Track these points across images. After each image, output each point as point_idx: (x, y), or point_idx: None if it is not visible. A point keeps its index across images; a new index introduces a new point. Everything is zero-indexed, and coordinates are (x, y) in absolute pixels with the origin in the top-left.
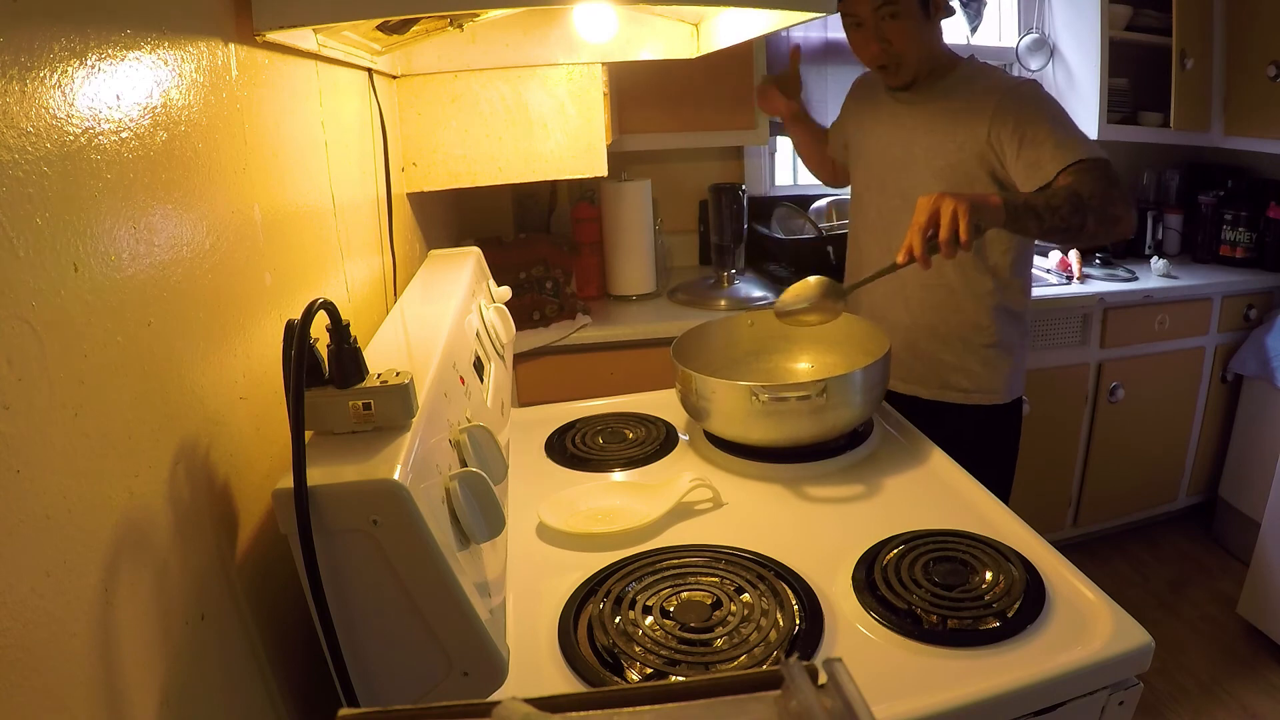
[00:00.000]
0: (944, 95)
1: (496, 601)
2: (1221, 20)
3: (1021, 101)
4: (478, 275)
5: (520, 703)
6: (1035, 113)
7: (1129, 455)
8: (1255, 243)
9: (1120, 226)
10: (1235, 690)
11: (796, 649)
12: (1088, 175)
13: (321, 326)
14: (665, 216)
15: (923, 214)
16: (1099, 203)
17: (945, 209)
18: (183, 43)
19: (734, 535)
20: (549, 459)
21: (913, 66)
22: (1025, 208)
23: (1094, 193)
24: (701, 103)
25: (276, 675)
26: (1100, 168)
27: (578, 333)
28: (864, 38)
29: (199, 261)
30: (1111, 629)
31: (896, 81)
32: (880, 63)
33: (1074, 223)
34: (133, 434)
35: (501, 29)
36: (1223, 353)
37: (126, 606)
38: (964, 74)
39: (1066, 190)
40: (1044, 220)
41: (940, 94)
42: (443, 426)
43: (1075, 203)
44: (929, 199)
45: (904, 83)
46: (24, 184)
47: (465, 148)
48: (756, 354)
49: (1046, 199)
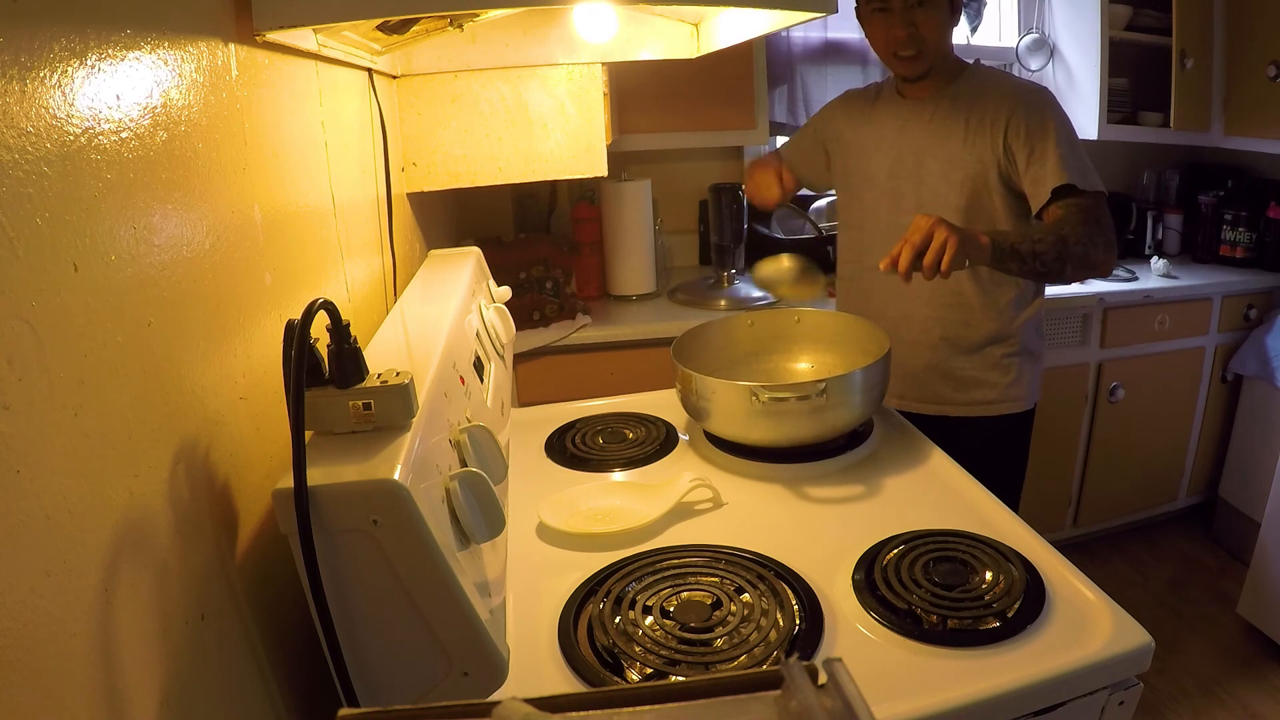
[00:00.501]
0: (955, 101)
1: (496, 601)
2: (1221, 20)
3: (1034, 110)
4: (478, 275)
5: (520, 703)
6: (1046, 126)
7: (1129, 455)
8: (1255, 243)
9: (1097, 272)
10: (1235, 690)
11: (796, 649)
12: (1078, 215)
13: (321, 326)
14: (665, 216)
15: (917, 233)
16: (1082, 249)
17: (938, 237)
18: (183, 43)
19: (734, 535)
20: (549, 459)
21: (931, 57)
22: (1010, 251)
23: (1079, 238)
24: (701, 103)
25: (276, 675)
26: (1091, 207)
27: (578, 333)
28: (888, 22)
29: (199, 261)
30: (1111, 629)
31: (914, 70)
32: (904, 49)
33: (1053, 269)
34: (133, 434)
35: (501, 29)
36: (1223, 353)
37: (126, 606)
38: (974, 79)
39: (1054, 236)
40: (1025, 264)
41: (950, 99)
42: (443, 426)
43: (1059, 249)
44: (927, 221)
45: (920, 72)
46: (24, 184)
47: (465, 148)
48: (756, 354)
49: (1033, 244)
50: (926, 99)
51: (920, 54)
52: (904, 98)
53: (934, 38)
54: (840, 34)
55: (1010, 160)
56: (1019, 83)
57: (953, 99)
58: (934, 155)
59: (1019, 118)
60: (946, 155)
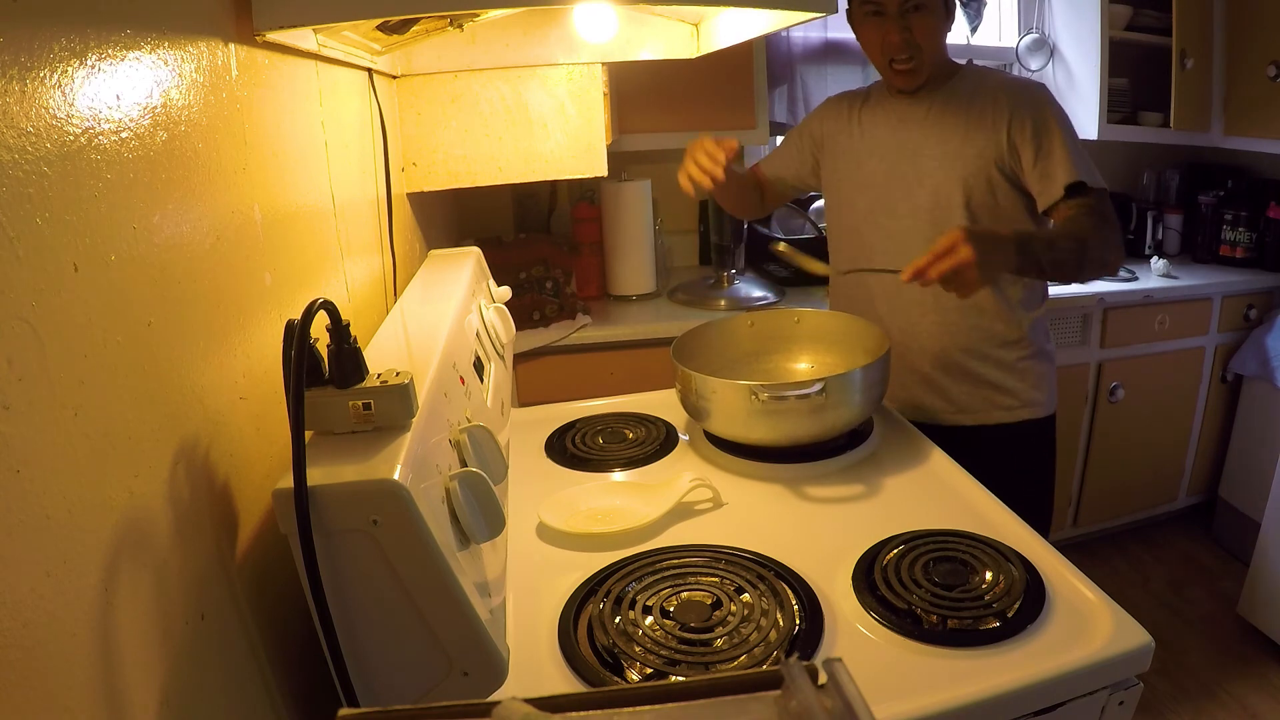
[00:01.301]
0: (951, 100)
1: (496, 601)
2: (1221, 20)
3: (1036, 105)
4: (478, 275)
5: (520, 703)
6: (1049, 120)
7: (1129, 455)
8: (1255, 243)
9: (1108, 271)
10: (1235, 690)
11: (796, 649)
12: (1090, 216)
13: (321, 326)
14: (665, 216)
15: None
16: (1098, 252)
17: (965, 260)
18: (183, 43)
19: (734, 535)
20: (549, 459)
21: (928, 66)
22: (1033, 261)
23: (1095, 241)
24: (701, 103)
25: (276, 675)
26: (1101, 205)
27: (578, 333)
28: (883, 28)
29: (199, 261)
30: (1111, 629)
31: (911, 82)
32: (899, 55)
33: (1069, 273)
34: (133, 434)
35: (501, 29)
36: (1223, 353)
37: (126, 606)
38: (968, 78)
39: (1073, 240)
40: (1045, 272)
41: (945, 98)
42: (443, 426)
43: (1079, 254)
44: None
45: (918, 83)
46: (24, 184)
47: (465, 148)
48: (756, 354)
49: (1054, 251)
50: (922, 96)
51: (917, 64)
52: (897, 96)
53: (930, 44)
54: (840, 34)
55: (1014, 155)
56: (1016, 79)
57: (949, 95)
58: (932, 153)
59: (1022, 112)
60: (945, 152)
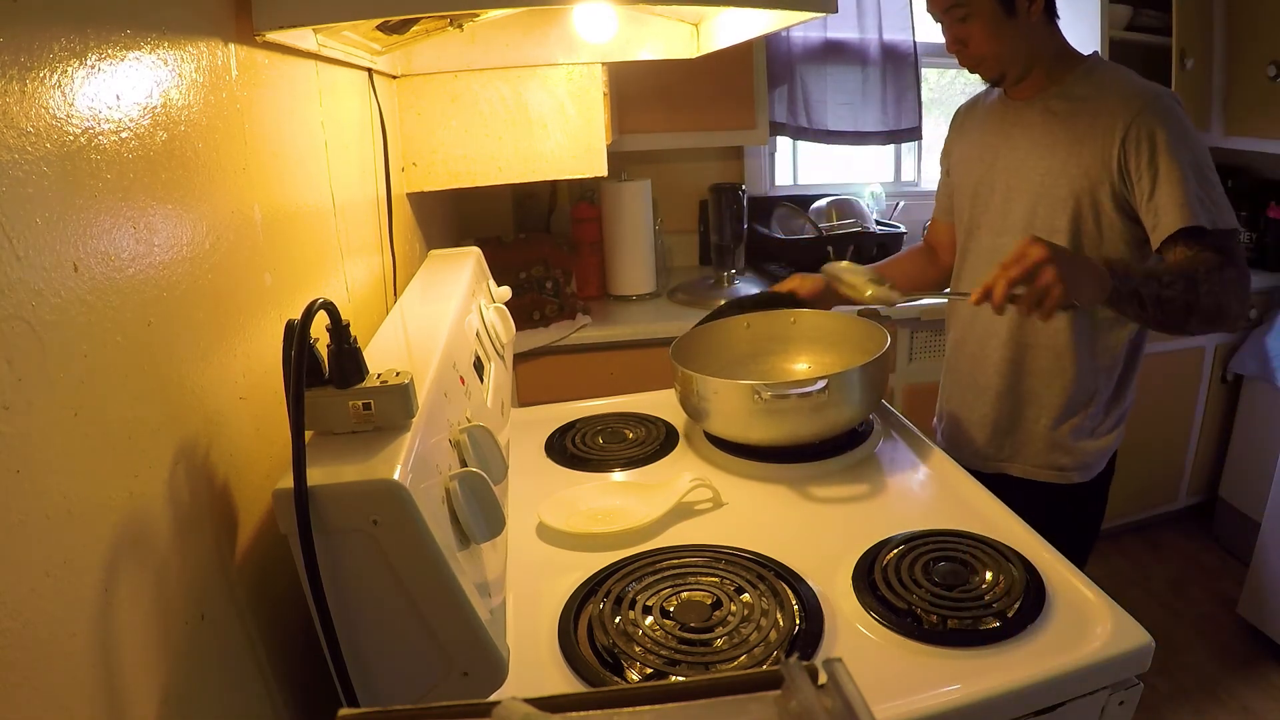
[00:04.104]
0: (1065, 103)
1: (496, 601)
2: (1221, 20)
3: (1160, 125)
4: (478, 275)
5: (520, 703)
6: (1174, 146)
7: (1128, 455)
8: (1255, 243)
9: (1225, 326)
10: (1235, 690)
11: (796, 649)
12: (1207, 260)
13: (321, 326)
14: (665, 216)
15: (1016, 266)
16: (1213, 300)
17: (1044, 276)
18: (183, 43)
19: (734, 535)
20: (549, 459)
21: (996, 66)
22: (1131, 294)
23: (1211, 287)
24: (701, 103)
25: (276, 675)
26: (1225, 250)
27: (578, 333)
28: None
29: (199, 261)
30: (1111, 629)
31: (986, 75)
32: (961, 61)
33: (1175, 321)
34: (133, 434)
35: (501, 29)
36: (1223, 353)
37: (126, 606)
38: (1089, 76)
39: (1184, 281)
40: (1145, 310)
41: (1059, 100)
42: (443, 426)
43: (1188, 299)
44: (1035, 248)
45: (992, 77)
46: (24, 184)
47: (465, 148)
48: (753, 356)
49: (1159, 290)
50: (1034, 99)
51: (979, 65)
52: (1007, 98)
53: (988, 49)
54: (840, 34)
55: (1125, 181)
56: (1142, 85)
57: (1062, 100)
58: (1035, 167)
59: (1140, 129)
60: (1049, 168)
